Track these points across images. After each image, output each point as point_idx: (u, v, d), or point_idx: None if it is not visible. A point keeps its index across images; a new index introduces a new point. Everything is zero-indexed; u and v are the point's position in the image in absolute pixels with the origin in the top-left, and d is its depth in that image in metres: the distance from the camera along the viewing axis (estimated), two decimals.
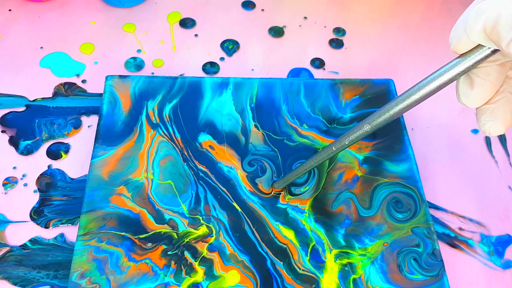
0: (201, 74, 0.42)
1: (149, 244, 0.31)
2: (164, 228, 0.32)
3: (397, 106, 0.25)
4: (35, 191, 0.35)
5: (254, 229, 0.32)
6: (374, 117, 0.26)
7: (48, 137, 0.37)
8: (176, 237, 0.31)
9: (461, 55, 0.23)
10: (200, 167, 0.34)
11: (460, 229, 0.35)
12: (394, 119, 0.26)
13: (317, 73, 0.43)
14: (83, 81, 0.41)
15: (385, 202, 0.33)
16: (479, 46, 0.22)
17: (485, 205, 0.36)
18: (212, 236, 0.31)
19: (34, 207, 0.34)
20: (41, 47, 0.43)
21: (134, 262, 0.30)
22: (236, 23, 0.46)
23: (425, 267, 0.31)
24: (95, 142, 0.35)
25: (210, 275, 0.30)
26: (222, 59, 0.44)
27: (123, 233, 0.31)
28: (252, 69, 0.43)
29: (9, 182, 0.35)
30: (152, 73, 0.42)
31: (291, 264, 0.31)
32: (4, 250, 0.32)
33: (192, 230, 0.32)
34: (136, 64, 0.42)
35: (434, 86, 0.24)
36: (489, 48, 0.22)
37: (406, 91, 0.25)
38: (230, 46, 0.44)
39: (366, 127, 0.27)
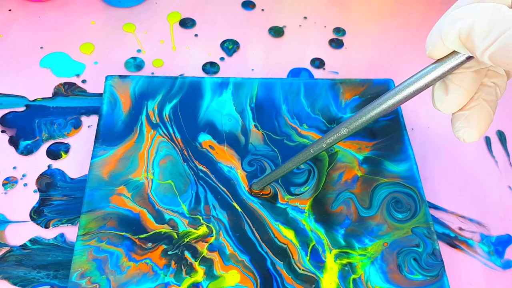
0: (201, 74, 0.42)
1: (149, 244, 0.31)
2: (164, 228, 0.32)
3: (373, 110, 0.25)
4: (35, 191, 0.35)
5: (254, 229, 0.32)
6: (351, 121, 0.27)
7: (48, 137, 0.37)
8: (176, 237, 0.31)
9: (437, 61, 0.23)
10: (200, 167, 0.34)
11: (460, 229, 0.35)
12: (370, 123, 0.26)
13: (317, 73, 0.43)
14: (83, 81, 0.41)
15: (385, 202, 0.33)
16: (454, 52, 0.22)
17: (485, 205, 0.36)
18: (212, 236, 0.31)
19: (34, 207, 0.34)
20: (41, 47, 0.43)
21: (134, 262, 0.30)
22: (236, 23, 0.46)
23: (425, 267, 0.31)
24: (95, 142, 0.35)
25: (210, 275, 0.30)
26: (222, 59, 0.44)
27: (123, 233, 0.31)
28: (252, 69, 0.43)
29: (9, 182, 0.35)
30: (152, 73, 0.42)
31: (291, 264, 0.31)
32: (4, 250, 0.32)
33: (192, 230, 0.32)
34: (136, 64, 0.42)
35: (410, 91, 0.24)
36: (464, 55, 0.22)
37: (382, 95, 0.25)
38: (230, 46, 0.44)
39: (343, 130, 0.27)
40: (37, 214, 0.34)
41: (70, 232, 0.33)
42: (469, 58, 0.22)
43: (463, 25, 0.20)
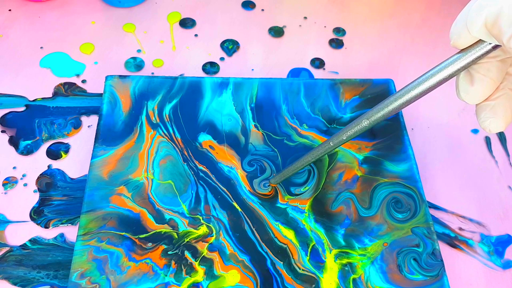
0: (201, 74, 0.42)
1: (149, 244, 0.31)
2: (164, 228, 0.32)
3: (396, 101, 0.25)
4: (35, 191, 0.35)
5: (254, 229, 0.32)
6: (373, 113, 0.26)
7: (48, 137, 0.37)
8: (176, 237, 0.31)
9: (461, 51, 0.22)
10: (200, 167, 0.34)
11: (460, 229, 0.35)
12: (392, 115, 0.26)
13: (317, 73, 0.43)
14: (83, 81, 0.41)
15: (385, 202, 0.33)
16: (479, 41, 0.22)
17: (485, 205, 0.36)
18: (212, 236, 0.31)
19: (34, 207, 0.34)
20: (41, 47, 0.43)
21: (134, 262, 0.30)
22: (236, 23, 0.46)
23: (425, 267, 0.31)
24: (95, 142, 0.35)
25: (210, 275, 0.30)
26: (222, 59, 0.44)
27: (123, 233, 0.31)
28: (252, 69, 0.43)
29: (9, 182, 0.35)
30: (152, 73, 0.42)
31: (291, 264, 0.31)
32: (4, 250, 0.32)
33: (192, 230, 0.32)
34: (136, 64, 0.42)
35: (433, 82, 0.23)
36: (490, 43, 0.21)
37: (405, 86, 0.25)
38: (230, 46, 0.44)
39: (364, 122, 0.26)
40: (37, 214, 0.34)
41: (70, 232, 0.33)
42: (495, 47, 0.21)
43: (489, 12, 0.20)
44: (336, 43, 0.45)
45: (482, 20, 0.20)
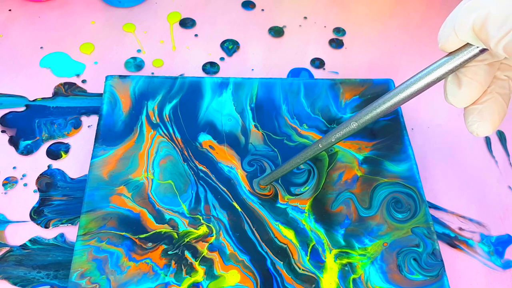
0: (201, 74, 0.42)
1: (150, 244, 0.31)
2: (165, 228, 0.32)
3: (384, 104, 0.25)
4: (35, 191, 0.35)
5: (254, 229, 0.32)
6: (361, 115, 0.26)
7: (48, 137, 0.37)
8: (176, 236, 0.31)
9: (449, 54, 0.23)
10: (200, 167, 0.34)
11: (460, 229, 0.35)
12: (381, 117, 0.26)
13: (317, 73, 0.43)
14: (83, 81, 0.41)
15: (385, 202, 0.33)
16: (467, 45, 0.22)
17: (485, 205, 0.36)
18: (212, 236, 0.31)
19: (34, 207, 0.34)
20: (41, 47, 0.43)
21: (134, 262, 0.30)
22: (236, 23, 0.46)
23: (425, 267, 0.31)
24: (95, 142, 0.35)
25: (211, 274, 0.30)
26: (222, 59, 0.44)
27: (123, 233, 0.31)
28: (252, 69, 0.43)
29: (9, 182, 0.35)
30: (152, 73, 0.42)
31: (291, 264, 0.31)
32: (4, 250, 0.32)
33: (192, 229, 0.32)
34: (136, 64, 0.42)
35: (421, 85, 0.24)
36: (477, 47, 0.22)
37: (393, 89, 0.25)
38: (230, 46, 0.44)
39: (353, 124, 0.27)
40: (37, 214, 0.34)
41: (70, 232, 0.33)
42: (483, 51, 0.22)
43: (477, 16, 0.20)
44: (336, 43, 0.45)
45: (470, 24, 0.20)
